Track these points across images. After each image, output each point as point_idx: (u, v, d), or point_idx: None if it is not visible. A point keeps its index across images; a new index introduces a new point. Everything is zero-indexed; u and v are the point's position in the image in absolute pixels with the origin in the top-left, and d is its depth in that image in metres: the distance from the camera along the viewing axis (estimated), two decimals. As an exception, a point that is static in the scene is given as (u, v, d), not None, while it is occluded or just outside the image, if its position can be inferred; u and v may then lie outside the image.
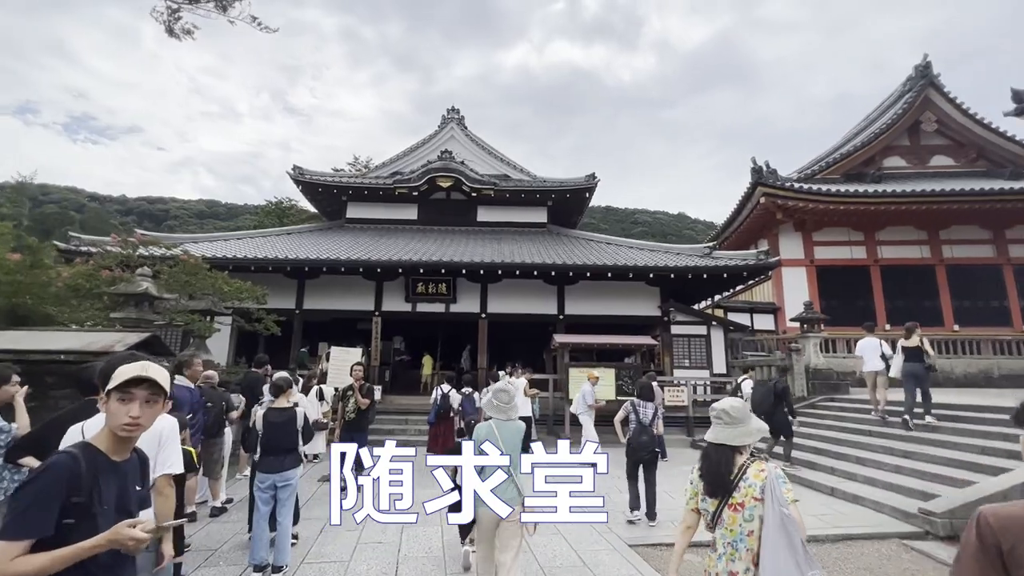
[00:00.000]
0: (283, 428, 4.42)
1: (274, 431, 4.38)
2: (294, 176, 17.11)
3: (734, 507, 2.20)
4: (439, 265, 12.85)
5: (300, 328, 14.22)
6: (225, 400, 5.78)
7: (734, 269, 12.63)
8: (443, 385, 9.16)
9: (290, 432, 4.45)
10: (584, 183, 17.37)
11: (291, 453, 4.45)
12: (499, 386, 3.92)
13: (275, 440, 4.37)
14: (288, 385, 4.62)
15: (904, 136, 19.72)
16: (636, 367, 11.70)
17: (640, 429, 6.08)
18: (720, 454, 2.30)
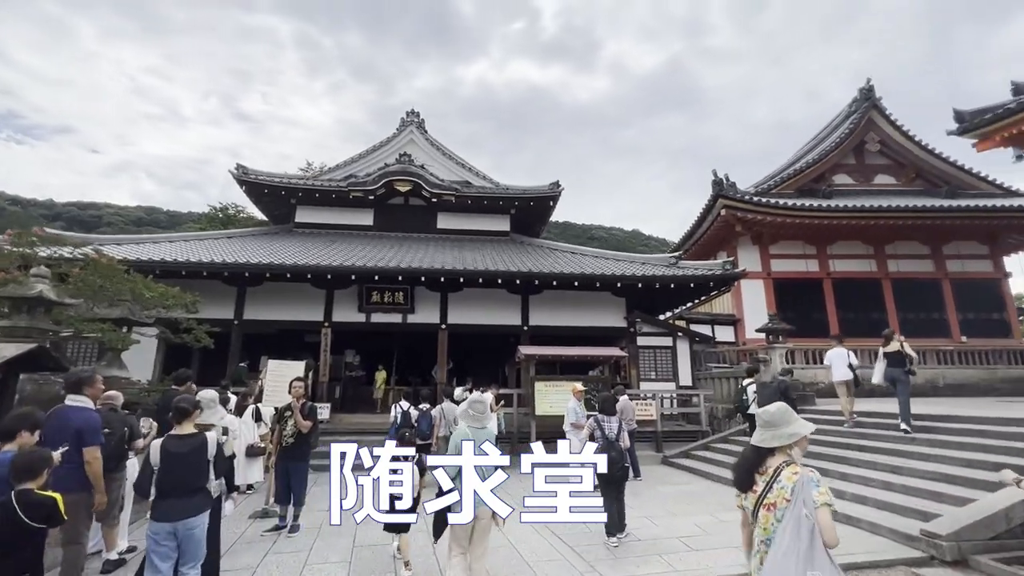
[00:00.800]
0: (188, 460, 3.48)
1: (175, 465, 3.43)
2: (237, 176, 15.76)
3: (768, 507, 2.34)
4: (396, 272, 11.96)
5: (239, 341, 12.87)
6: (128, 425, 4.71)
7: (701, 279, 12.45)
8: (402, 402, 8.79)
9: (197, 465, 3.52)
10: (548, 191, 16.96)
11: (198, 493, 3.52)
12: (475, 397, 4.36)
13: (176, 476, 3.42)
14: (193, 407, 3.69)
15: (851, 155, 20.61)
16: (605, 380, 11.19)
17: (608, 445, 5.69)
18: (750, 453, 2.53)
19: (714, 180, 17.39)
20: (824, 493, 2.23)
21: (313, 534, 5.68)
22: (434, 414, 8.72)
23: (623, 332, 14.04)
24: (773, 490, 2.33)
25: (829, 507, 2.22)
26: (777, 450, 2.45)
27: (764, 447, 2.45)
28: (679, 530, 5.78)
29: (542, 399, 10.92)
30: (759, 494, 2.39)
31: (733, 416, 11.81)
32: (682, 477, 8.98)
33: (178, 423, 3.63)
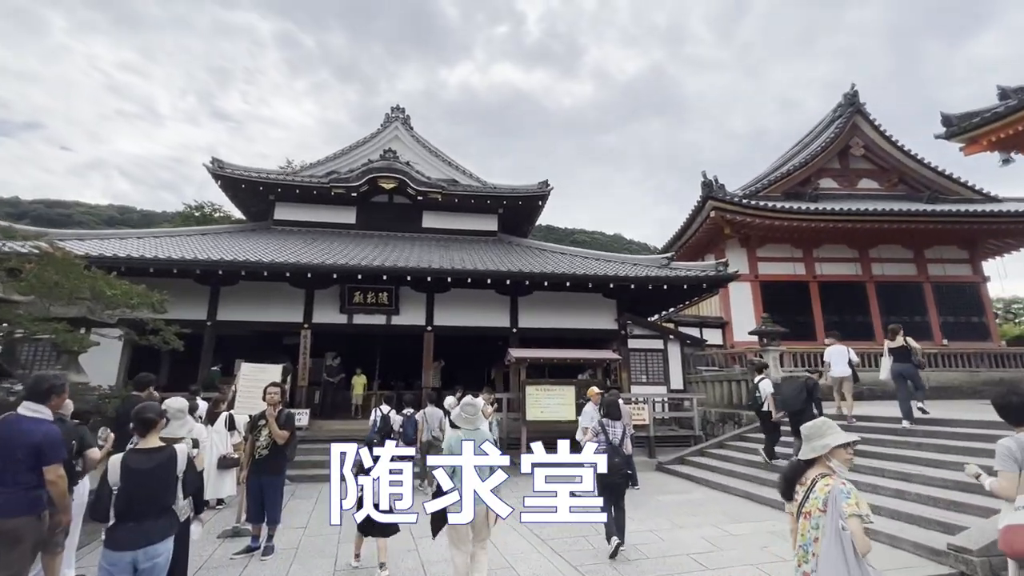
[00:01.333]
0: (153, 478, 2.97)
1: (138, 484, 2.91)
2: (213, 170, 15.00)
3: (805, 515, 2.52)
4: (380, 271, 11.42)
5: (212, 343, 12.15)
6: (78, 437, 4.12)
7: (695, 280, 12.20)
8: (382, 406, 8.45)
9: (163, 483, 3.01)
10: (537, 190, 16.60)
11: (163, 514, 3.01)
12: (466, 400, 4.34)
13: (139, 497, 2.90)
14: (159, 417, 3.17)
15: (835, 159, 20.79)
16: (598, 383, 10.81)
17: (612, 450, 5.45)
18: (792, 464, 2.78)
19: (704, 182, 17.28)
20: (853, 504, 2.35)
21: (289, 556, 5.15)
22: (417, 419, 8.54)
23: (614, 334, 13.72)
24: (809, 500, 2.49)
25: (859, 517, 2.33)
26: (816, 461, 2.62)
27: (803, 459, 2.64)
28: (688, 545, 5.41)
29: (533, 403, 10.51)
30: (798, 504, 2.57)
31: (727, 421, 11.57)
32: (680, 485, 8.65)
33: (142, 435, 3.10)
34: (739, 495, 7.54)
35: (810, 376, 7.94)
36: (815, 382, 7.73)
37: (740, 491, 7.60)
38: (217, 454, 7.24)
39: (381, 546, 4.62)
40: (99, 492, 2.98)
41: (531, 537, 5.80)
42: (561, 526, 6.18)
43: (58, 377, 3.70)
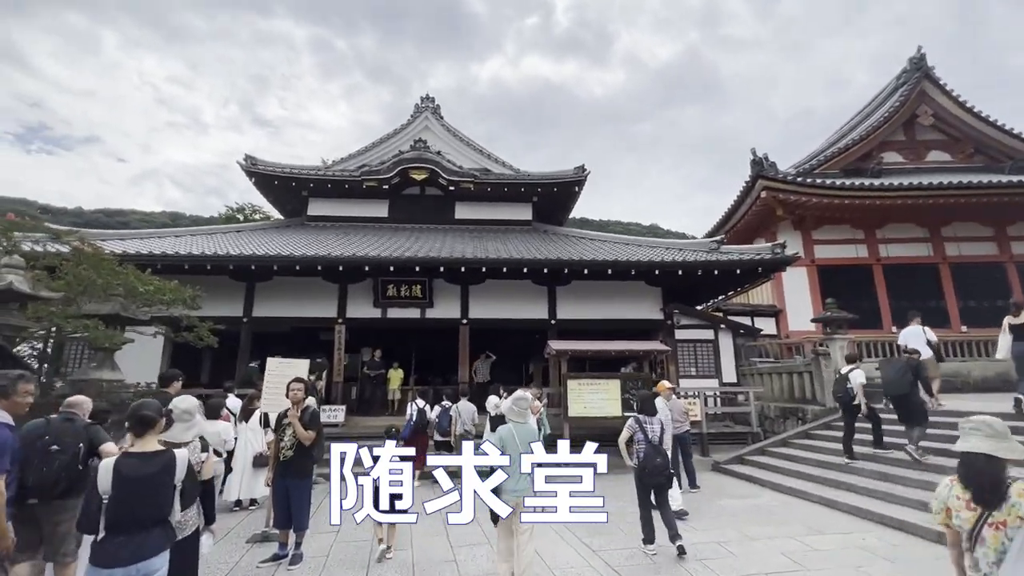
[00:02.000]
0: (148, 486, 2.56)
1: (132, 492, 2.51)
2: (246, 167, 15.03)
3: (995, 526, 2.11)
4: (413, 262, 11.02)
5: (249, 339, 12.10)
6: (88, 439, 3.79)
7: (749, 264, 11.20)
8: (417, 400, 8.68)
9: (159, 492, 2.60)
10: (573, 176, 15.85)
11: (157, 527, 2.59)
12: (518, 394, 4.42)
13: (132, 507, 2.50)
14: (158, 416, 2.75)
15: (900, 131, 19.00)
16: (646, 378, 10.06)
17: (652, 450, 5.09)
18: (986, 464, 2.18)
19: (753, 160, 16.06)
20: None
21: (318, 565, 4.74)
22: (452, 414, 8.66)
23: (659, 325, 12.87)
24: (1002, 508, 2.11)
25: None
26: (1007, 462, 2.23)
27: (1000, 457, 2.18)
28: (765, 561, 4.67)
29: (575, 399, 9.87)
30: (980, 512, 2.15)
31: (789, 416, 10.56)
32: (743, 487, 7.82)
33: (138, 436, 2.69)
34: (815, 501, 6.67)
35: (911, 355, 7.02)
36: (918, 361, 6.84)
37: (816, 496, 6.73)
38: (252, 452, 6.99)
39: (392, 531, 4.82)
40: (87, 500, 2.58)
41: (580, 547, 5.20)
42: (612, 535, 5.55)
43: (3, 377, 3.33)
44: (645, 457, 5.09)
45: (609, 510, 6.46)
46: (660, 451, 5.17)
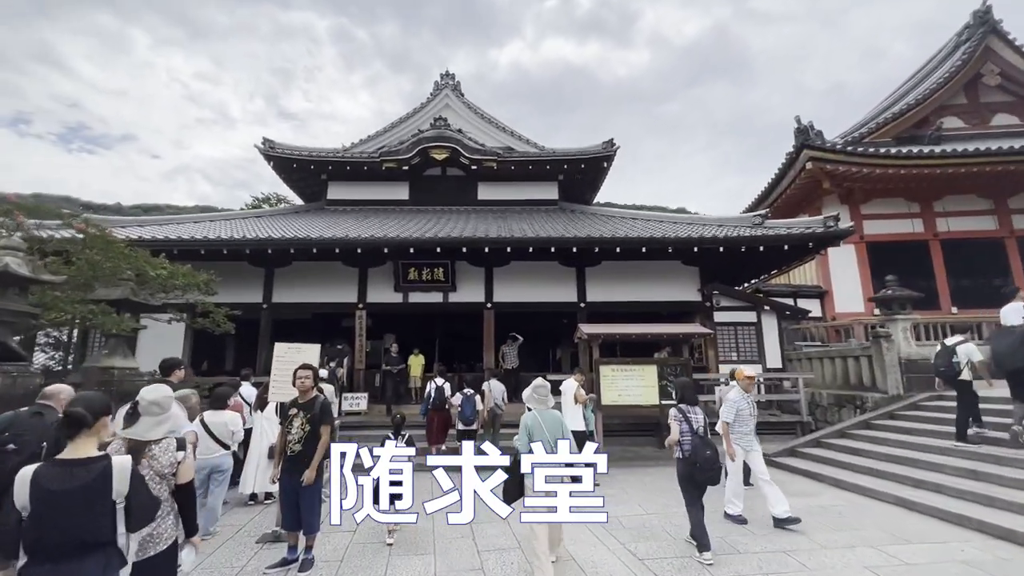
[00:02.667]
0: (75, 502, 2.03)
1: (54, 509, 2.00)
2: (264, 150, 14.68)
3: None
4: (434, 243, 10.45)
5: (269, 326, 11.80)
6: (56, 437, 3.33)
7: (799, 239, 10.22)
8: (437, 379, 8.50)
9: (92, 508, 2.06)
10: (601, 151, 14.97)
11: (95, 553, 2.06)
12: (538, 382, 4.45)
13: (54, 527, 1.99)
14: (94, 414, 2.21)
15: (961, 93, 17.36)
16: (685, 362, 9.30)
17: (700, 442, 4.52)
18: None
19: (798, 128, 14.86)
20: None
21: (331, 570, 4.25)
22: (483, 389, 8.43)
23: (697, 307, 12.02)
24: None
25: None
26: None
27: None
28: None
29: (609, 386, 9.18)
30: None
31: (844, 405, 9.64)
32: (800, 484, 7.04)
33: (69, 439, 2.17)
34: (890, 502, 5.88)
35: None
36: None
37: (890, 496, 5.93)
38: (268, 443, 6.60)
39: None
40: (3, 517, 2.07)
41: (624, 554, 4.58)
42: (659, 539, 4.92)
43: None
44: (693, 450, 4.49)
45: (652, 509, 5.78)
46: (708, 443, 4.56)
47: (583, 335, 9.11)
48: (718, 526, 5.19)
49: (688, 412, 4.68)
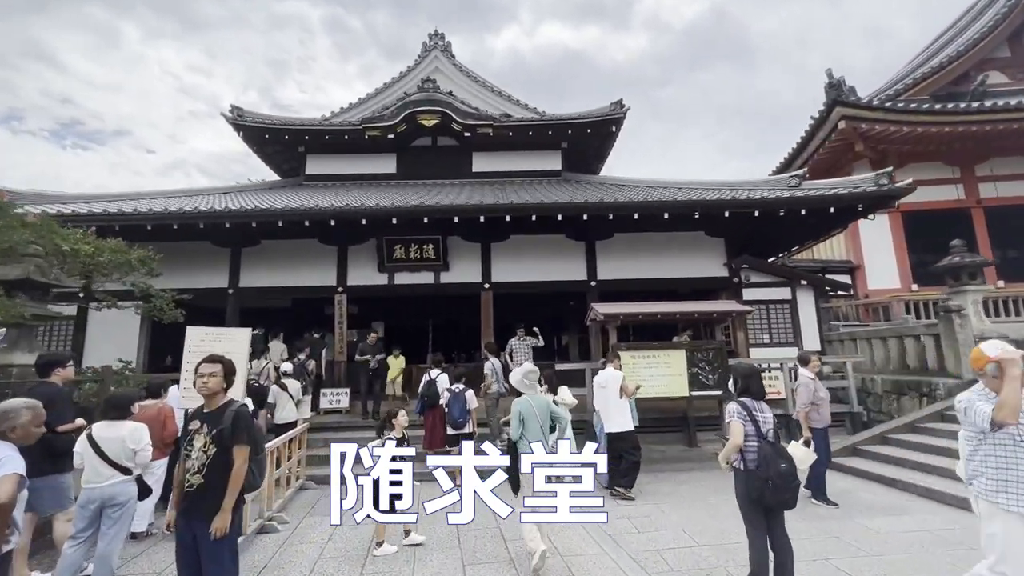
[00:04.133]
0: None
1: None
2: (232, 119, 13.11)
3: None
4: (422, 212, 8.97)
5: (236, 314, 10.34)
6: None
7: (850, 199, 8.69)
8: (432, 370, 7.35)
9: None
10: (609, 113, 13.38)
11: None
12: (528, 366, 4.36)
13: None
14: None
15: (1004, 46, 15.74)
16: (719, 347, 7.86)
17: (772, 451, 3.23)
18: None
19: (829, 83, 13.27)
20: None
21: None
22: (467, 395, 6.66)
23: (724, 283, 10.57)
24: None
25: None
26: None
27: None
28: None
29: (630, 375, 7.74)
30: None
31: (906, 393, 8.21)
32: (877, 494, 5.64)
33: None
34: (1018, 523, 4.44)
35: None
36: None
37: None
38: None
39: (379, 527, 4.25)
40: None
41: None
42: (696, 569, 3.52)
43: None
44: (763, 462, 3.18)
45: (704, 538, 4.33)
46: (783, 452, 3.28)
47: (598, 316, 7.65)
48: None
49: (755, 410, 3.35)
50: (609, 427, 5.98)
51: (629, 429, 5.92)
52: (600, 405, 6.14)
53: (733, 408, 3.43)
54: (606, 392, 6.06)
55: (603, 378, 6.16)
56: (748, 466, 3.29)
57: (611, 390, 6.00)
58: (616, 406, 5.95)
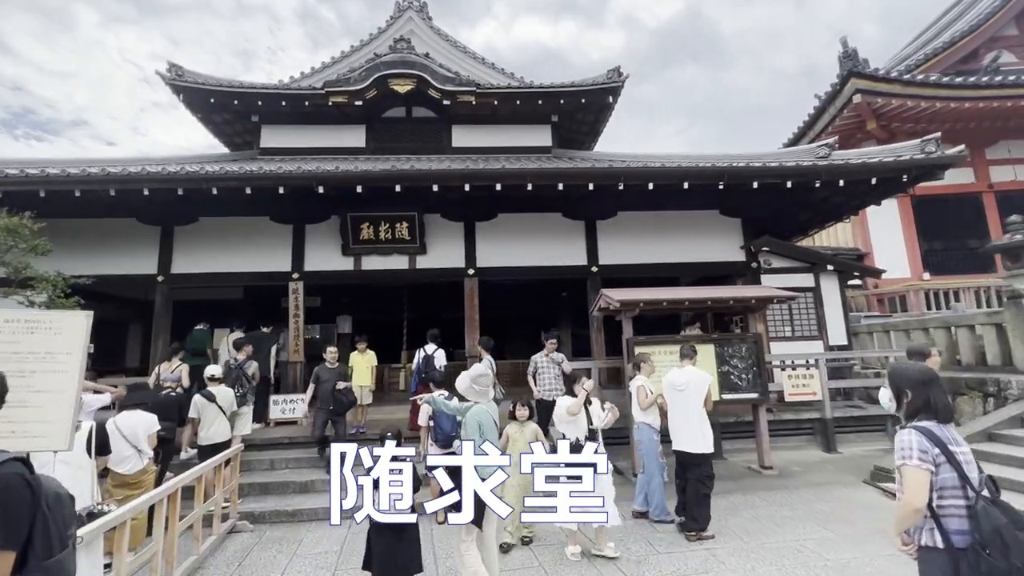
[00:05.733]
0: None
1: None
2: (169, 78, 11.15)
3: None
4: (395, 179, 7.40)
5: (167, 306, 8.54)
6: None
7: (895, 168, 7.47)
8: (427, 345, 7.01)
9: None
10: (606, 82, 11.95)
11: None
12: (479, 368, 3.64)
13: None
14: None
15: (1012, 24, 15.02)
16: (754, 340, 6.53)
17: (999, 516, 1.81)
18: None
19: (843, 53, 12.18)
20: None
21: None
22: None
23: (741, 268, 9.31)
24: None
25: None
26: None
27: None
28: None
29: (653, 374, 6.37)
30: None
31: (966, 391, 7.06)
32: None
33: None
34: None
35: None
36: None
37: None
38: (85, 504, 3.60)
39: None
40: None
41: None
42: None
43: None
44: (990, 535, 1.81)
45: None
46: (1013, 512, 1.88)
47: (611, 303, 6.21)
48: None
49: (950, 442, 1.99)
50: (684, 444, 4.58)
51: (711, 451, 4.53)
52: (677, 415, 4.69)
53: (908, 442, 2.03)
54: (685, 398, 4.61)
55: (679, 378, 4.73)
56: (954, 543, 1.91)
57: (692, 395, 4.57)
58: (699, 418, 4.56)
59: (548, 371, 6.65)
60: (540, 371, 6.71)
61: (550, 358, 6.75)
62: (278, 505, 5.51)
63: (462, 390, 3.58)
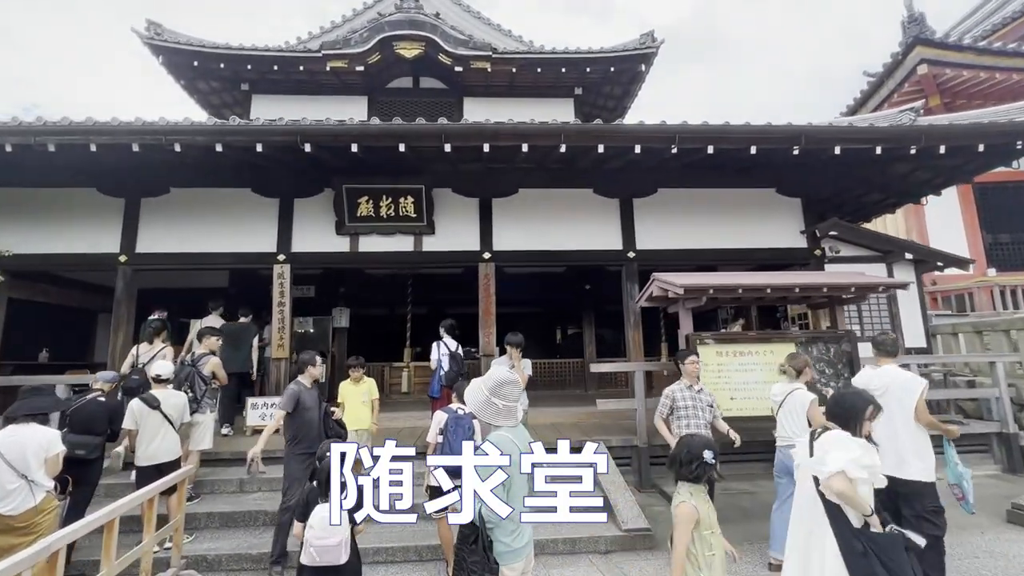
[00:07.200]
0: None
1: None
2: (146, 38, 9.93)
3: None
4: (396, 135, 6.12)
5: (130, 292, 7.26)
6: None
7: (1011, 131, 6.08)
8: (445, 340, 5.95)
9: None
10: (639, 47, 10.65)
11: None
12: (502, 375, 2.43)
13: None
14: None
15: (1083, -6, 13.53)
16: (846, 339, 5.18)
17: None
18: None
19: (910, 17, 10.81)
20: None
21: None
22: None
23: (802, 255, 7.96)
24: None
25: None
26: None
27: None
28: None
29: (716, 382, 5.04)
30: None
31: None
32: None
33: None
34: None
35: None
36: None
37: None
38: None
39: None
40: None
41: None
42: None
43: None
44: None
45: None
46: None
47: (672, 289, 4.86)
48: None
49: None
50: (891, 467, 3.07)
51: (931, 479, 3.18)
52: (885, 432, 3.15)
53: None
54: (892, 409, 3.17)
55: (879, 380, 3.35)
56: None
57: (892, 404, 3.12)
58: (909, 433, 3.23)
59: (696, 408, 4.16)
60: (684, 408, 4.17)
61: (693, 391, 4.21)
62: (241, 545, 4.21)
63: (475, 407, 2.45)
